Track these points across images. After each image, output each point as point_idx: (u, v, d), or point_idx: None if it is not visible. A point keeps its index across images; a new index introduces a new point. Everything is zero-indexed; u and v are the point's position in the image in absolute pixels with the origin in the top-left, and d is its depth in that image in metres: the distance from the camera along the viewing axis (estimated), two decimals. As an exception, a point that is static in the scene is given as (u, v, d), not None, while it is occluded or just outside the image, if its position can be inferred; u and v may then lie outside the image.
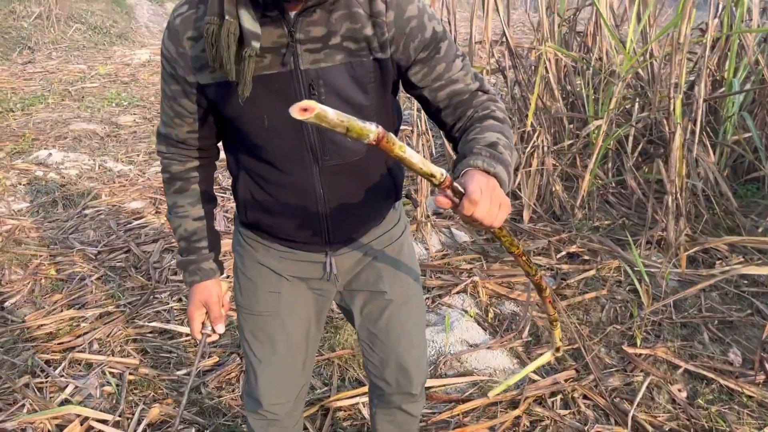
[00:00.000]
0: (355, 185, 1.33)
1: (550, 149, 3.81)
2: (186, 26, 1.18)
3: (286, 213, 1.33)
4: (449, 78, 1.26)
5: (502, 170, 1.12)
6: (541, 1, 3.99)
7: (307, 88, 1.18)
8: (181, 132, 1.32)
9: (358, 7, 1.18)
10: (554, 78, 4.03)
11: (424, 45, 1.22)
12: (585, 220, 3.71)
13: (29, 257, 3.29)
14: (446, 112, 1.29)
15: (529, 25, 4.71)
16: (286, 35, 1.16)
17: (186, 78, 1.22)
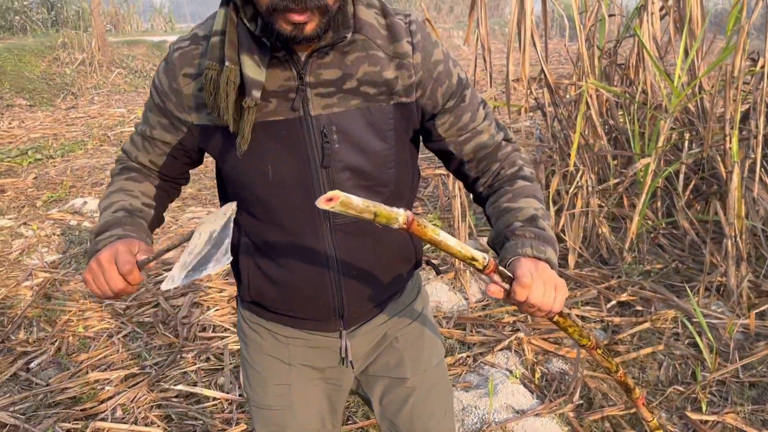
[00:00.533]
0: (369, 247, 1.18)
1: (594, 189, 3.61)
2: (184, 62, 1.10)
3: (294, 282, 1.18)
4: (475, 129, 1.19)
5: (551, 252, 1.06)
6: (580, 34, 3.84)
7: (318, 135, 1.07)
8: (143, 158, 1.24)
9: (377, 49, 1.09)
10: (596, 113, 3.84)
11: (451, 92, 1.15)
12: (635, 264, 3.48)
13: (58, 313, 3.22)
14: (470, 165, 1.22)
15: (566, 55, 4.55)
16: (294, 78, 1.06)
17: (175, 114, 1.13)
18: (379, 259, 1.21)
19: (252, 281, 1.22)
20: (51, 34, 13.15)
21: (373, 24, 1.10)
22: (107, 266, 1.06)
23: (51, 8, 15.06)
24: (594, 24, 4.06)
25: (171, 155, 1.21)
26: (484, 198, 1.23)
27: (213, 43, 1.04)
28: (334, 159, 1.08)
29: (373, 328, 1.29)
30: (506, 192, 1.17)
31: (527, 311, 1.01)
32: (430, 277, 3.43)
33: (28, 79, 10.23)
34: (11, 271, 3.74)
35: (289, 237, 1.14)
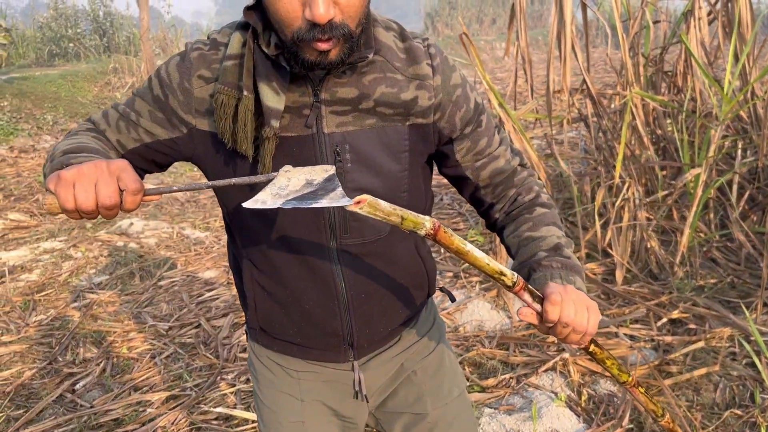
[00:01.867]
0: (379, 270, 1.14)
1: (642, 201, 3.49)
2: (201, 63, 1.06)
3: (301, 304, 1.14)
4: (491, 154, 1.17)
5: (580, 282, 1.05)
6: (623, 42, 3.73)
7: (330, 154, 1.04)
8: (111, 135, 1.13)
9: (395, 71, 1.07)
10: (642, 123, 3.72)
11: (469, 117, 1.13)
12: (687, 279, 3.33)
13: (104, 334, 3.28)
14: (486, 191, 1.20)
15: (609, 63, 4.43)
16: (310, 94, 1.04)
17: (177, 113, 1.08)
18: (389, 284, 1.17)
19: (259, 304, 1.18)
20: (103, 60, 13.62)
21: (392, 46, 1.08)
22: (108, 176, 0.88)
23: (103, 35, 15.60)
24: (638, 31, 3.95)
25: (148, 146, 1.12)
26: (501, 226, 1.21)
27: (226, 66, 1.02)
28: (345, 179, 1.05)
29: (387, 360, 1.25)
30: (526, 220, 1.15)
31: (561, 334, 0.98)
32: (472, 295, 3.36)
33: (81, 104, 10.58)
34: (60, 292, 3.83)
35: (295, 257, 1.11)
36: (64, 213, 0.90)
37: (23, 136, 9.02)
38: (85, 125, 1.17)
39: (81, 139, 1.09)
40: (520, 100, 9.08)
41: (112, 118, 1.14)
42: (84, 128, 1.16)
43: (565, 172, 3.95)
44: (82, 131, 1.14)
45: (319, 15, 0.89)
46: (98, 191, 0.87)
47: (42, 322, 3.43)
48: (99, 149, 1.07)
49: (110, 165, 0.90)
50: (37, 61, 14.76)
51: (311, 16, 0.90)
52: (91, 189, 0.87)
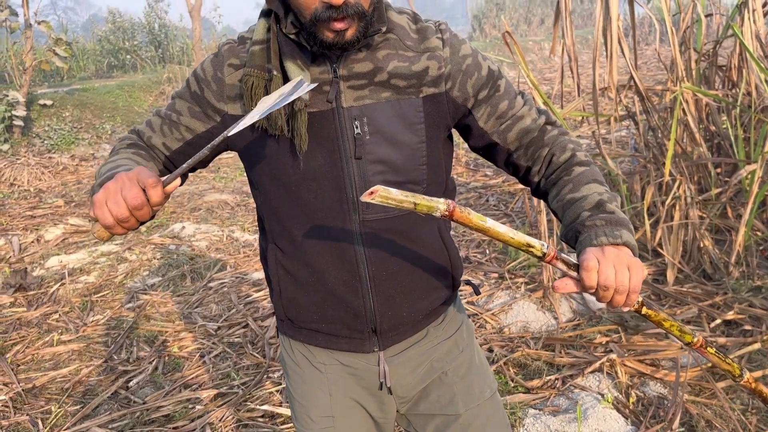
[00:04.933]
0: (401, 248, 1.16)
1: (694, 200, 3.38)
2: (231, 54, 1.15)
3: (323, 283, 1.17)
4: (515, 116, 1.19)
5: (627, 234, 1.02)
6: (672, 37, 3.64)
7: (350, 127, 1.09)
8: (157, 139, 1.21)
9: (407, 49, 1.13)
10: (694, 119, 3.61)
11: (482, 83, 1.17)
12: (743, 279, 3.21)
13: (156, 333, 3.38)
14: (518, 154, 1.21)
15: (659, 59, 4.31)
16: (329, 71, 1.09)
17: (211, 103, 1.16)
18: (411, 263, 1.18)
19: (283, 289, 1.22)
20: (158, 70, 14.07)
21: (405, 27, 1.14)
22: (128, 182, 0.94)
23: (158, 46, 16.11)
24: (689, 26, 3.84)
25: (189, 143, 1.19)
26: (543, 191, 1.21)
27: (253, 51, 1.09)
28: (365, 150, 1.09)
29: (413, 357, 1.25)
30: (566, 183, 1.14)
31: (604, 298, 0.98)
32: (517, 296, 3.32)
33: (137, 113, 10.95)
34: (116, 293, 3.97)
35: (318, 234, 1.14)
36: (109, 232, 0.98)
37: (83, 145, 9.39)
38: (126, 140, 1.24)
39: (118, 161, 1.14)
40: (568, 99, 8.94)
41: (156, 124, 1.21)
42: (125, 144, 1.22)
43: (614, 170, 3.87)
44: (122, 149, 1.21)
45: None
46: (125, 197, 0.93)
47: (99, 322, 3.57)
48: (141, 163, 1.14)
49: (128, 173, 0.96)
50: (96, 73, 15.35)
51: None
52: (120, 199, 0.94)
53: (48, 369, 3.10)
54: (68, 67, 13.50)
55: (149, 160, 1.20)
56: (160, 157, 1.22)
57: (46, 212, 6.02)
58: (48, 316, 3.69)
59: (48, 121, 9.62)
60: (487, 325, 3.12)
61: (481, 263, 3.84)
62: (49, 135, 9.29)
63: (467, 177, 6.07)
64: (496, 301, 3.34)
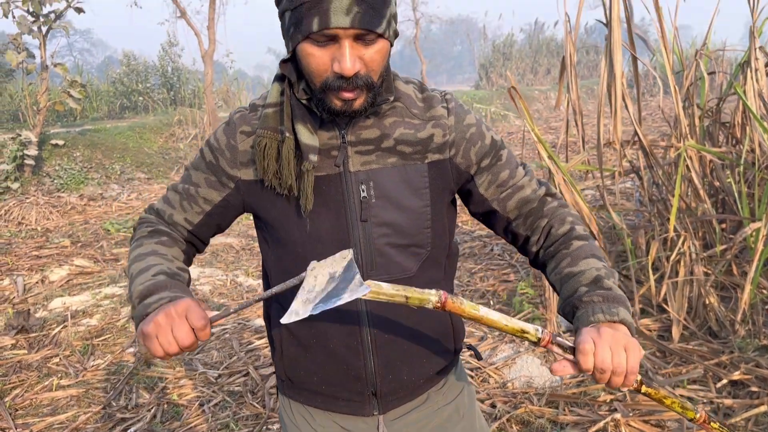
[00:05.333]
0: (403, 312, 1.17)
1: (699, 256, 3.38)
2: (243, 122, 1.19)
3: (325, 344, 1.18)
4: (515, 185, 1.22)
5: (624, 312, 1.03)
6: (675, 95, 3.69)
7: (356, 190, 1.12)
8: (178, 215, 1.24)
9: (413, 117, 1.17)
10: (698, 176, 3.63)
11: (485, 152, 1.20)
12: (749, 338, 3.18)
13: (156, 380, 3.35)
14: (517, 223, 1.24)
15: (662, 114, 4.37)
16: (337, 137, 1.13)
17: (226, 170, 1.19)
18: (413, 327, 1.19)
19: (285, 349, 1.23)
20: (169, 112, 14.29)
21: (411, 95, 1.19)
22: (178, 320, 0.98)
23: (170, 88, 16.41)
24: (692, 83, 3.90)
25: (209, 214, 1.23)
26: (542, 262, 1.23)
27: (266, 114, 1.13)
28: (370, 213, 1.12)
29: (413, 422, 1.24)
30: (564, 256, 1.15)
31: (602, 380, 0.97)
32: (521, 350, 3.30)
33: (147, 154, 11.09)
34: (118, 337, 3.95)
35: None
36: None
37: (92, 184, 9.49)
38: (145, 225, 1.25)
39: (149, 262, 1.15)
40: (573, 149, 9.02)
41: (174, 200, 1.25)
42: (146, 232, 1.24)
43: (618, 224, 3.88)
44: (145, 237, 1.23)
45: (347, 69, 1.00)
46: (176, 336, 0.98)
47: (99, 367, 3.54)
48: (165, 277, 1.12)
49: (177, 309, 1.00)
50: (109, 114, 15.60)
51: (339, 69, 1.01)
52: (170, 336, 0.99)
53: (46, 414, 3.07)
54: (81, 108, 13.73)
55: (172, 245, 1.22)
56: (182, 232, 1.26)
57: (52, 252, 6.05)
58: (48, 360, 3.67)
59: (59, 161, 9.75)
60: (490, 380, 3.08)
61: (484, 315, 3.82)
62: (59, 174, 9.40)
63: (472, 225, 6.09)
64: (500, 354, 3.31)
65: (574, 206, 3.74)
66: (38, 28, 9.16)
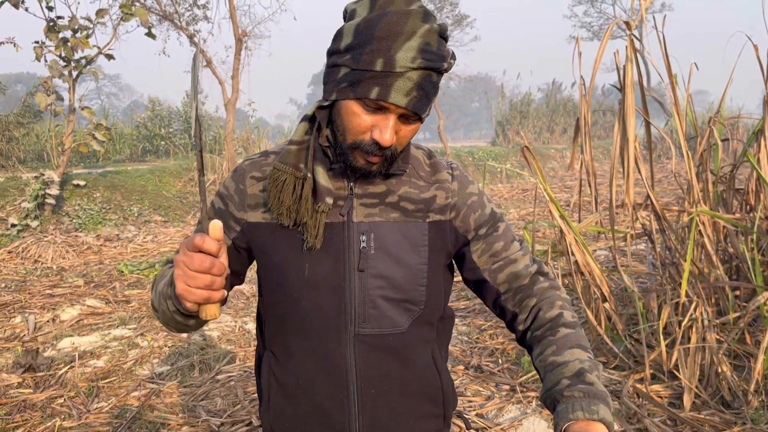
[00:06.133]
0: (392, 367, 1.17)
1: (711, 323, 3.34)
2: (253, 168, 1.23)
3: (312, 398, 1.18)
4: (508, 258, 1.24)
5: (604, 410, 1.02)
6: (688, 161, 3.72)
7: (357, 240, 1.15)
8: None
9: (419, 179, 1.23)
10: (711, 242, 3.62)
11: (483, 221, 1.25)
12: (763, 409, 3.11)
13: (158, 425, 3.33)
14: (506, 297, 1.26)
15: (677, 181, 4.39)
16: (345, 188, 1.17)
17: (234, 214, 1.22)
18: (401, 385, 1.19)
19: (272, 398, 1.23)
20: (190, 157, 14.57)
21: (419, 160, 1.24)
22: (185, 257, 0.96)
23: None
24: (706, 149, 3.93)
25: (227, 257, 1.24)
26: (528, 345, 1.23)
27: (289, 150, 1.17)
28: (368, 264, 1.15)
29: None
30: (550, 343, 1.16)
31: None
32: (528, 411, 3.24)
33: (165, 198, 11.26)
34: (123, 380, 3.95)
35: (311, 342, 1.17)
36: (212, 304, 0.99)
37: (110, 225, 9.62)
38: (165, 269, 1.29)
39: (165, 272, 1.21)
40: (587, 209, 9.02)
41: None
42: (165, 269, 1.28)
43: (629, 287, 3.85)
44: (166, 269, 1.27)
45: (386, 141, 1.06)
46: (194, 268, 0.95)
47: (102, 410, 3.53)
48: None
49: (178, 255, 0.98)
50: (131, 157, 15.93)
51: (380, 138, 1.06)
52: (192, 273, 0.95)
53: (46, 456, 3.05)
54: (104, 151, 14.04)
55: None
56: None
57: (65, 291, 6.10)
58: (53, 400, 3.66)
59: (79, 201, 9.92)
60: (495, 441, 3.03)
61: (493, 373, 3.78)
62: (78, 214, 9.55)
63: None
64: (506, 415, 3.25)
65: (584, 267, 3.73)
66: (69, 73, 9.48)
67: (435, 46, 1.04)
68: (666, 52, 3.62)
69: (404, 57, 1.02)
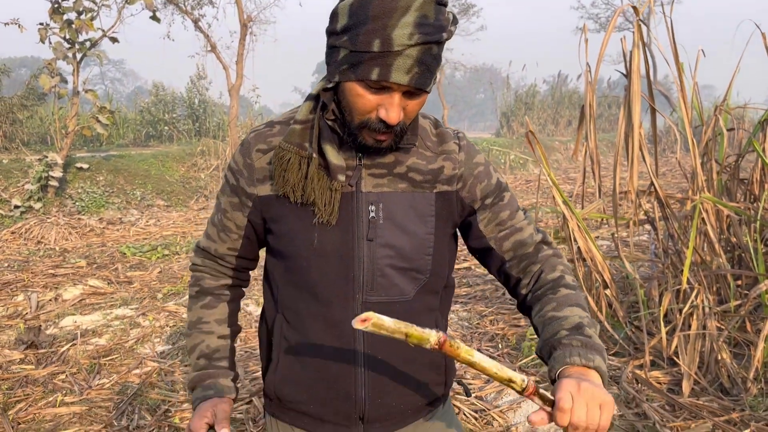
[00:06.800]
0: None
1: (712, 310, 3.34)
2: (258, 140, 1.23)
3: (320, 359, 1.20)
4: (513, 226, 1.25)
5: (600, 360, 1.03)
6: (693, 149, 3.71)
7: (365, 210, 1.15)
8: (222, 247, 1.30)
9: (426, 149, 1.22)
10: (714, 230, 3.62)
11: (489, 191, 1.25)
12: (761, 397, 3.11)
13: (159, 402, 3.35)
14: (511, 264, 1.26)
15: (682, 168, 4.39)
16: (354, 158, 1.18)
17: (245, 189, 1.23)
18: (405, 352, 1.19)
19: (281, 361, 1.24)
20: (193, 143, 14.56)
21: (426, 129, 1.24)
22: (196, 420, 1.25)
23: (196, 120, 16.75)
24: (711, 138, 3.92)
25: (246, 237, 1.28)
26: (528, 305, 1.24)
27: (293, 129, 1.16)
28: (376, 233, 1.15)
29: None
30: (550, 300, 1.17)
31: None
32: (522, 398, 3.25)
33: (168, 182, 11.27)
34: (125, 358, 3.97)
35: (321, 309, 1.18)
36: None
37: (112, 208, 9.63)
38: (194, 284, 1.37)
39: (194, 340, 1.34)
40: (590, 200, 9.01)
41: (213, 234, 1.31)
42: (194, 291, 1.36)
43: (631, 274, 3.85)
44: (193, 301, 1.36)
45: (392, 119, 1.05)
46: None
47: (104, 386, 3.55)
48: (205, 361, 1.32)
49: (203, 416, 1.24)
50: (134, 141, 15.93)
51: (386, 117, 1.05)
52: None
53: (48, 430, 3.07)
54: (108, 134, 14.03)
55: (215, 305, 1.34)
56: (231, 261, 1.32)
57: (68, 272, 6.12)
58: (55, 376, 3.68)
59: (82, 184, 9.93)
60: (494, 422, 3.04)
61: (493, 357, 3.78)
62: (81, 197, 9.56)
63: (484, 269, 6.07)
64: (505, 398, 3.27)
65: (587, 253, 3.73)
66: (73, 55, 9.46)
67: (432, 17, 1.02)
68: (674, 39, 3.60)
69: (401, 34, 1.00)
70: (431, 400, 1.28)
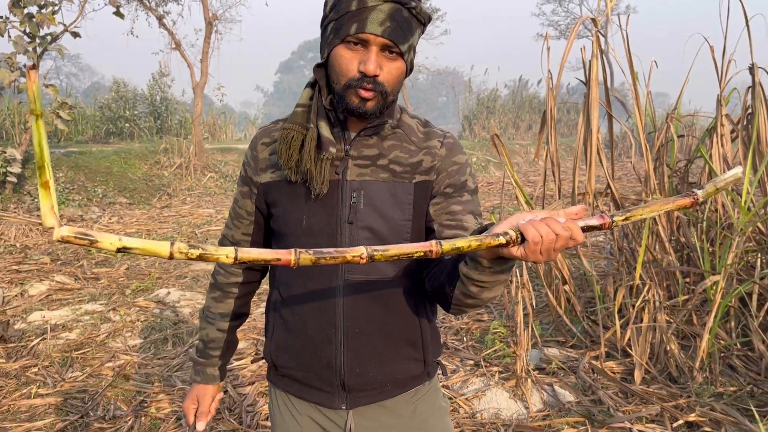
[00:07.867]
0: (375, 310, 1.33)
1: (662, 304, 3.58)
2: (263, 134, 1.41)
3: (305, 329, 1.35)
4: (459, 223, 1.31)
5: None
6: (646, 153, 3.95)
7: (349, 196, 1.29)
8: (237, 233, 1.45)
9: (411, 144, 1.35)
10: (665, 230, 3.86)
11: (453, 183, 1.34)
12: (706, 384, 3.36)
13: (134, 393, 3.41)
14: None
15: (637, 171, 4.66)
16: (343, 150, 1.32)
17: (252, 179, 1.40)
18: (383, 327, 1.34)
19: (275, 332, 1.41)
20: (155, 141, 14.40)
21: (413, 127, 1.38)
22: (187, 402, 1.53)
23: (158, 117, 16.56)
24: (664, 144, 4.17)
25: (256, 222, 1.44)
26: (429, 285, 1.32)
27: (296, 111, 1.33)
28: (357, 217, 1.29)
29: (382, 425, 1.38)
30: (444, 263, 1.25)
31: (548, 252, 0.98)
32: (491, 383, 3.43)
33: (131, 180, 11.15)
34: (97, 352, 4.01)
35: (308, 284, 1.33)
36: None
37: (73, 206, 9.50)
38: (213, 278, 1.53)
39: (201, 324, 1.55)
40: (550, 201, 9.29)
41: (230, 223, 1.48)
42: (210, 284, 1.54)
43: (588, 271, 4.08)
44: (209, 289, 1.54)
45: (370, 69, 1.21)
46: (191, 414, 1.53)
47: (77, 378, 3.59)
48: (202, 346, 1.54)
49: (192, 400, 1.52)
50: (94, 138, 15.64)
51: (364, 68, 1.21)
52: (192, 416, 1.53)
53: (23, 420, 3.11)
54: (68, 131, 13.78)
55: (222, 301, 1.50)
56: (245, 246, 1.44)
57: (32, 268, 6.07)
58: (27, 369, 3.71)
59: (42, 180, 9.75)
60: (460, 410, 3.21)
61: (458, 350, 3.96)
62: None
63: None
64: (471, 387, 3.44)
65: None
66: (33, 49, 9.30)
67: None
68: (629, 50, 3.83)
69: None
70: (411, 375, 1.39)
